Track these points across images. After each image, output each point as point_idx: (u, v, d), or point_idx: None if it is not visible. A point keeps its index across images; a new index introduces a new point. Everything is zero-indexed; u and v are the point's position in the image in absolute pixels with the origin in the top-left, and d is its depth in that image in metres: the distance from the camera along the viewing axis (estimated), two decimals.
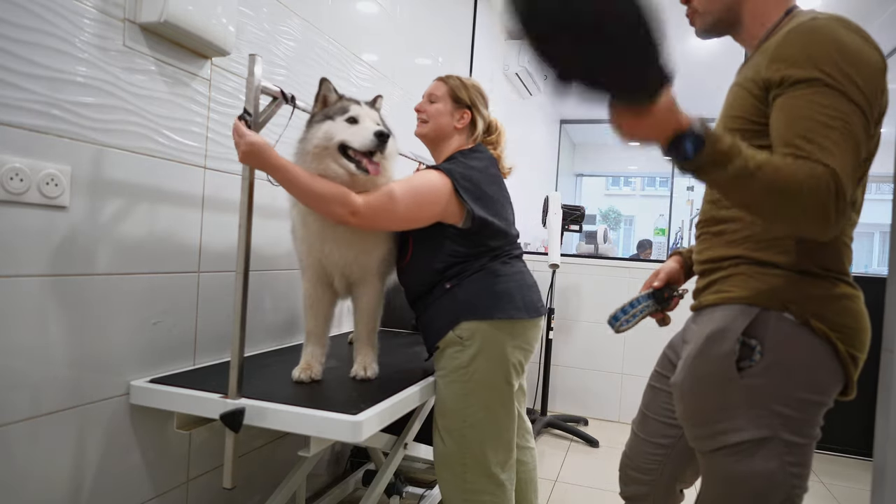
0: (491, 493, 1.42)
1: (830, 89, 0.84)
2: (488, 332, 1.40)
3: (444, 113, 1.53)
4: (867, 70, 0.86)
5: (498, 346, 1.41)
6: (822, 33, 0.88)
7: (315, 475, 2.10)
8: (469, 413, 1.41)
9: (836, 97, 0.84)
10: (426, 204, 1.37)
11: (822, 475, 2.81)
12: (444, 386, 1.44)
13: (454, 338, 1.41)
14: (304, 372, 1.41)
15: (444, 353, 1.44)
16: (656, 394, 1.23)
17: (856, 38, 0.88)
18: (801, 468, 0.95)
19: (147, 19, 1.28)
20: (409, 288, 1.53)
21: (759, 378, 0.94)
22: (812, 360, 0.93)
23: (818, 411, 0.95)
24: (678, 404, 1.06)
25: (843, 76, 0.85)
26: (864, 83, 0.85)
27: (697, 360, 1.00)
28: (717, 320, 0.99)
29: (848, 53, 0.86)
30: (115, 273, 1.28)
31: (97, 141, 1.22)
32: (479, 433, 1.41)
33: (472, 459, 1.41)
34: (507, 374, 1.43)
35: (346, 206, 1.24)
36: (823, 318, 0.93)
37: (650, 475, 1.22)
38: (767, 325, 0.94)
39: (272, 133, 1.75)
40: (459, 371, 1.41)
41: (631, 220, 12.29)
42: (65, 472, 1.20)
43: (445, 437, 1.44)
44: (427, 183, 1.38)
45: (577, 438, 3.13)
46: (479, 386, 1.41)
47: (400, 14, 2.52)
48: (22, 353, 1.10)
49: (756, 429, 0.94)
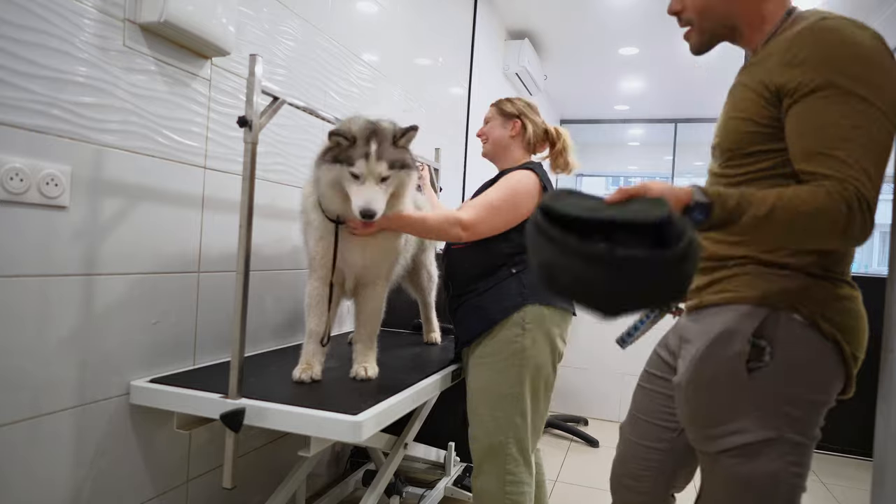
0: (528, 484, 1.49)
1: (849, 95, 0.83)
2: (548, 318, 1.49)
3: (496, 127, 1.69)
4: (884, 71, 0.85)
5: (553, 333, 1.50)
6: (836, 35, 0.87)
7: (315, 475, 2.10)
8: (521, 399, 1.47)
9: (856, 102, 0.83)
10: (522, 203, 1.50)
11: (822, 475, 2.81)
12: (498, 371, 1.48)
13: (517, 320, 1.47)
14: (305, 372, 1.40)
15: (498, 337, 1.49)
16: (649, 396, 1.20)
17: (870, 39, 0.87)
18: (802, 468, 0.95)
19: (147, 19, 1.28)
20: (466, 268, 1.58)
21: (769, 379, 0.93)
22: (819, 360, 0.93)
23: (822, 411, 0.95)
24: (682, 406, 1.05)
25: (860, 80, 0.83)
26: (883, 84, 0.84)
27: (704, 361, 0.99)
28: (725, 321, 0.98)
29: (864, 55, 0.85)
30: (115, 273, 1.28)
31: (97, 141, 1.22)
32: (526, 420, 1.48)
33: (517, 448, 1.47)
34: (555, 362, 1.54)
35: (457, 225, 1.44)
36: (830, 320, 0.93)
37: (645, 482, 1.19)
38: (777, 326, 0.94)
39: (273, 133, 1.75)
40: (518, 355, 1.46)
41: None
42: (65, 472, 1.20)
43: (491, 425, 1.47)
44: (517, 184, 1.52)
45: (577, 438, 3.13)
46: (534, 370, 1.48)
47: (400, 14, 2.52)
48: (22, 353, 1.10)
49: (763, 430, 0.93)
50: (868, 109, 0.83)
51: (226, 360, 1.57)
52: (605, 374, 3.52)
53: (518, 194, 1.50)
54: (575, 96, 6.05)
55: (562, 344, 1.55)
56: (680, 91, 5.48)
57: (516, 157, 1.67)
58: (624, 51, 4.51)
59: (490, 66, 3.83)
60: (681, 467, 1.17)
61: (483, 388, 1.50)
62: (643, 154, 8.61)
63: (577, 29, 4.17)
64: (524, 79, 4.24)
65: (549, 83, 5.26)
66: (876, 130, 0.83)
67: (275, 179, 1.78)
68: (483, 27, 3.63)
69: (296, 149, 1.87)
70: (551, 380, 1.54)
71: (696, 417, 1.02)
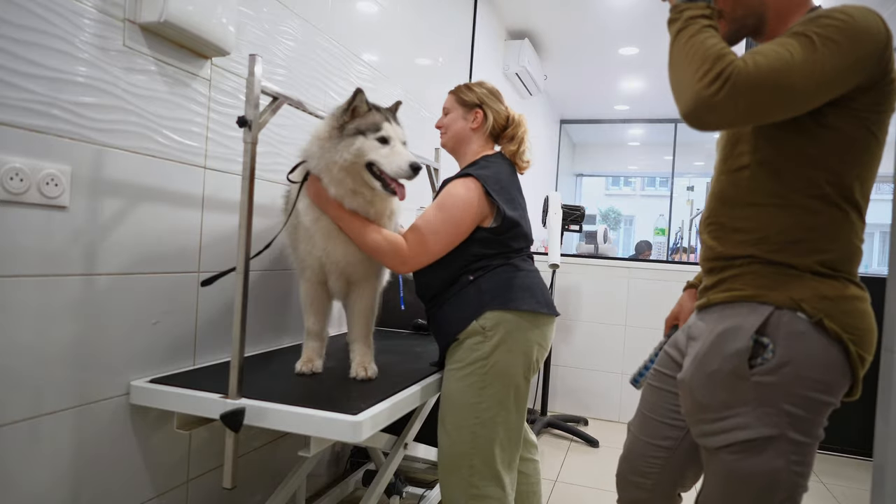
0: (496, 499, 1.40)
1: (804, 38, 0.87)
2: (512, 322, 1.40)
3: (456, 119, 1.58)
4: (856, 37, 0.86)
5: (519, 337, 1.41)
6: (833, 9, 0.88)
7: (315, 475, 2.10)
8: (483, 408, 1.39)
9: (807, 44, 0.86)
10: (463, 219, 1.41)
11: (822, 475, 2.81)
12: (459, 379, 1.42)
13: (477, 328, 1.40)
14: (306, 365, 1.45)
15: (463, 345, 1.42)
16: (658, 394, 1.21)
17: (869, 19, 0.88)
18: (804, 467, 0.95)
19: (147, 19, 1.28)
20: (428, 285, 1.52)
21: (771, 376, 0.93)
22: (823, 360, 0.93)
23: (825, 411, 0.95)
24: (685, 400, 1.06)
25: (824, 35, 0.86)
26: (842, 46, 0.86)
27: (708, 357, 1.00)
28: (729, 318, 0.99)
29: (844, 21, 0.86)
30: (115, 273, 1.28)
31: (97, 141, 1.22)
32: (491, 431, 1.40)
33: (481, 460, 1.39)
34: (525, 368, 1.43)
35: (396, 257, 1.37)
36: (836, 319, 0.93)
37: (651, 479, 1.19)
38: (780, 323, 0.94)
39: (273, 133, 1.75)
40: (479, 363, 1.39)
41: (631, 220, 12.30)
42: (65, 472, 1.20)
43: (454, 435, 1.41)
44: (456, 199, 1.42)
45: (577, 438, 3.13)
46: (497, 378, 1.40)
47: (400, 14, 2.52)
48: (22, 353, 1.10)
49: (764, 427, 0.94)
50: (810, 48, 0.86)
51: (226, 360, 1.57)
52: (605, 374, 3.52)
53: (454, 213, 1.40)
54: (575, 96, 6.05)
55: (537, 349, 1.45)
56: None
57: (475, 149, 1.57)
58: (624, 51, 4.51)
59: (490, 66, 3.83)
60: (687, 466, 1.18)
61: (447, 397, 1.45)
62: (643, 154, 8.62)
63: (577, 29, 4.17)
64: (524, 79, 4.24)
65: (549, 83, 5.26)
66: (807, 61, 0.85)
67: (275, 179, 1.78)
68: (483, 27, 3.63)
69: (296, 149, 1.87)
70: (522, 388, 1.44)
71: (697, 412, 1.03)
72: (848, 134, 0.92)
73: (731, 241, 1.03)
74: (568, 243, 5.81)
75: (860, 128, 0.92)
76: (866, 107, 0.91)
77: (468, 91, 1.58)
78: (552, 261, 3.09)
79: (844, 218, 0.95)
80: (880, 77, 0.90)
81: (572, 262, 3.58)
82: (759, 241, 0.99)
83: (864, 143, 0.93)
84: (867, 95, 0.90)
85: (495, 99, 1.59)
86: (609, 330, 3.52)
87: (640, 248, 6.01)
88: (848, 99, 0.90)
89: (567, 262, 3.55)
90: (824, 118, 0.92)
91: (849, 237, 0.96)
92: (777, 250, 0.97)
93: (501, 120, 1.58)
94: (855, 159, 0.94)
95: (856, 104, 0.91)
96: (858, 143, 0.93)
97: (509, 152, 1.57)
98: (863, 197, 0.97)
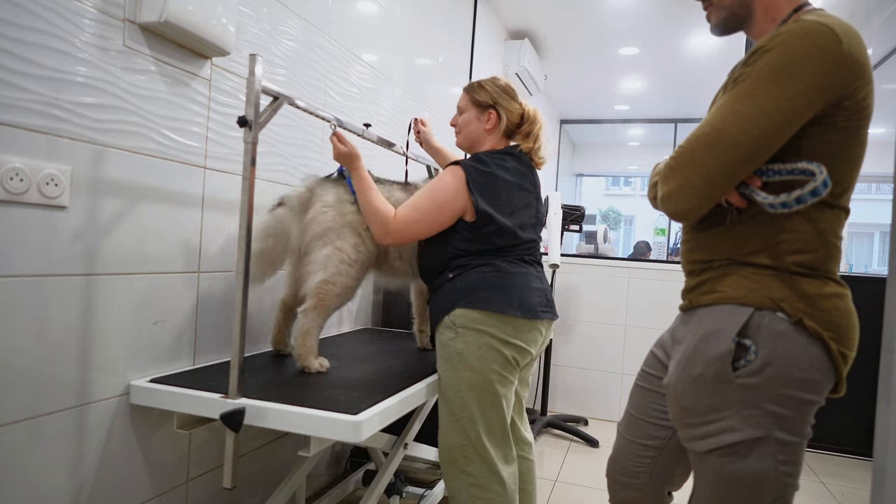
0: (496, 493, 1.42)
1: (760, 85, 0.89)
2: (479, 321, 1.41)
3: (470, 120, 1.59)
4: (814, 67, 0.86)
5: (487, 337, 1.41)
6: (798, 33, 0.88)
7: (315, 475, 2.10)
8: (465, 403, 1.42)
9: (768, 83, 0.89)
10: (445, 203, 1.44)
11: (822, 475, 2.81)
12: (443, 374, 1.46)
13: (448, 323, 1.44)
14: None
15: (441, 339, 1.46)
16: (644, 394, 1.21)
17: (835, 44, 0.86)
18: (793, 466, 0.95)
19: (147, 19, 1.28)
20: (423, 270, 1.60)
21: (754, 378, 0.94)
22: (805, 359, 0.93)
23: (811, 410, 0.95)
24: (672, 405, 1.06)
25: (781, 73, 0.87)
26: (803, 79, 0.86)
27: (692, 361, 1.00)
28: (711, 321, 0.99)
29: (806, 52, 0.86)
30: (115, 273, 1.28)
31: (97, 141, 1.22)
32: (477, 424, 1.41)
33: (473, 450, 1.41)
34: (500, 365, 1.42)
35: (381, 226, 1.45)
36: (815, 318, 0.93)
37: (639, 479, 1.20)
38: (761, 324, 0.94)
39: (273, 133, 1.75)
40: (454, 359, 1.43)
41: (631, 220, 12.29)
42: (65, 472, 1.20)
43: (447, 427, 1.44)
44: (441, 184, 1.46)
45: (577, 438, 3.13)
46: (472, 377, 1.41)
47: (400, 14, 2.52)
48: (22, 353, 1.10)
49: (751, 428, 0.94)
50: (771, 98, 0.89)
51: (226, 360, 1.57)
52: (605, 374, 3.52)
53: (437, 197, 1.44)
54: (575, 96, 6.05)
55: (509, 349, 1.42)
56: (680, 91, 5.47)
57: (489, 147, 1.58)
58: (624, 51, 4.51)
59: (490, 67, 3.83)
60: (675, 466, 1.18)
61: (440, 390, 1.48)
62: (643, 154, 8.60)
63: (577, 29, 4.17)
64: (524, 79, 4.24)
65: (549, 83, 5.26)
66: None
67: (275, 179, 1.78)
68: (483, 27, 3.63)
69: (296, 149, 1.87)
70: (496, 389, 1.42)
71: (685, 416, 1.03)
72: (832, 142, 0.92)
73: (708, 243, 1.03)
74: (568, 243, 5.81)
75: (843, 136, 0.92)
76: (844, 119, 0.91)
77: (481, 90, 1.57)
78: (552, 261, 3.09)
79: (822, 218, 0.95)
80: (842, 90, 0.88)
81: (572, 262, 3.58)
82: (734, 241, 0.99)
83: (847, 149, 0.93)
84: (841, 110, 0.90)
85: (508, 97, 1.58)
86: (609, 330, 3.52)
87: (640, 250, 6.00)
88: (822, 116, 0.90)
89: (567, 262, 3.55)
90: (804, 131, 0.92)
91: (827, 237, 0.96)
92: (752, 251, 0.97)
93: (515, 118, 1.57)
94: (837, 167, 0.93)
95: (831, 119, 0.90)
96: (840, 149, 0.93)
97: (526, 149, 1.57)
98: (845, 195, 0.97)
